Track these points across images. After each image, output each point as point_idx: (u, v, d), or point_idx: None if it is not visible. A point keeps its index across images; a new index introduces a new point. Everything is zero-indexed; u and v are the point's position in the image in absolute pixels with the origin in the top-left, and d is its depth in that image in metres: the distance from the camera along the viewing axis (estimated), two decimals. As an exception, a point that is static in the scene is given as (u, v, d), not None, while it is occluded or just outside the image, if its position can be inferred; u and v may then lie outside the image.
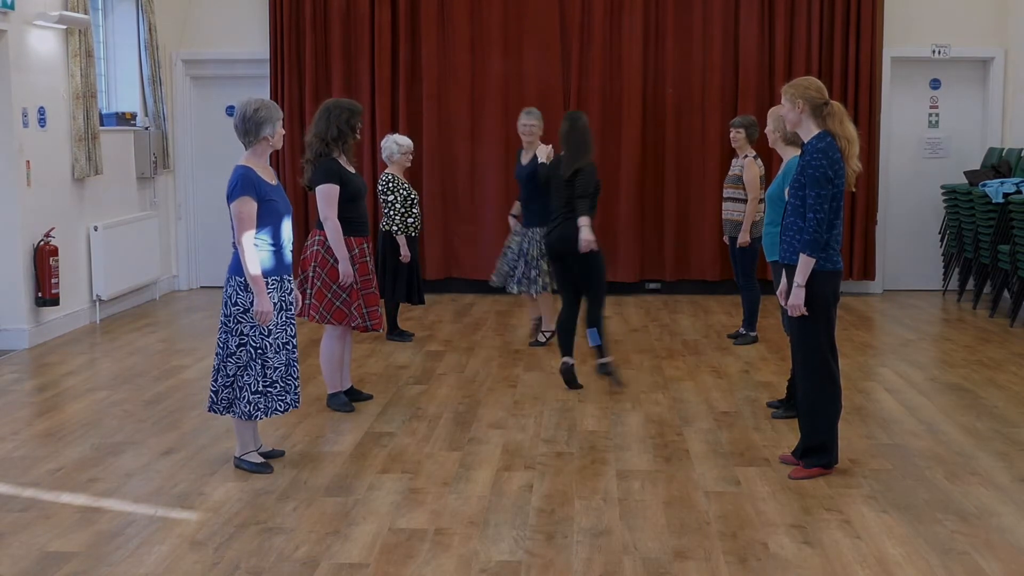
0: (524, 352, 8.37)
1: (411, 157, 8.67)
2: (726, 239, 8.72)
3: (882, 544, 4.56)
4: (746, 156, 8.39)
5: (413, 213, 8.48)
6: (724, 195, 8.64)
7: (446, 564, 4.37)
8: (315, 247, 6.49)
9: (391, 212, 8.45)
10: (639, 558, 4.41)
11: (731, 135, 8.57)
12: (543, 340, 8.50)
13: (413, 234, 8.51)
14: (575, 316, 7.19)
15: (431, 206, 10.96)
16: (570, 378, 7.13)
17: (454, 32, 11.03)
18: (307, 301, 6.49)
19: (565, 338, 7.19)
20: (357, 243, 6.52)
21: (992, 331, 9.21)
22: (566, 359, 7.16)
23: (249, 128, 5.32)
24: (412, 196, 8.51)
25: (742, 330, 8.74)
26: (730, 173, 8.61)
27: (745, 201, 8.34)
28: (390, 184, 8.46)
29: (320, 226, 6.49)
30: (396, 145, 8.55)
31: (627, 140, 11.00)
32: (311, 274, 6.48)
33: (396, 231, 8.42)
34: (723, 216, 8.67)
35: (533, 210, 8.17)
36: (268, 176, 5.41)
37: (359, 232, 6.55)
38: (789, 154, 6.46)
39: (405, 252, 8.41)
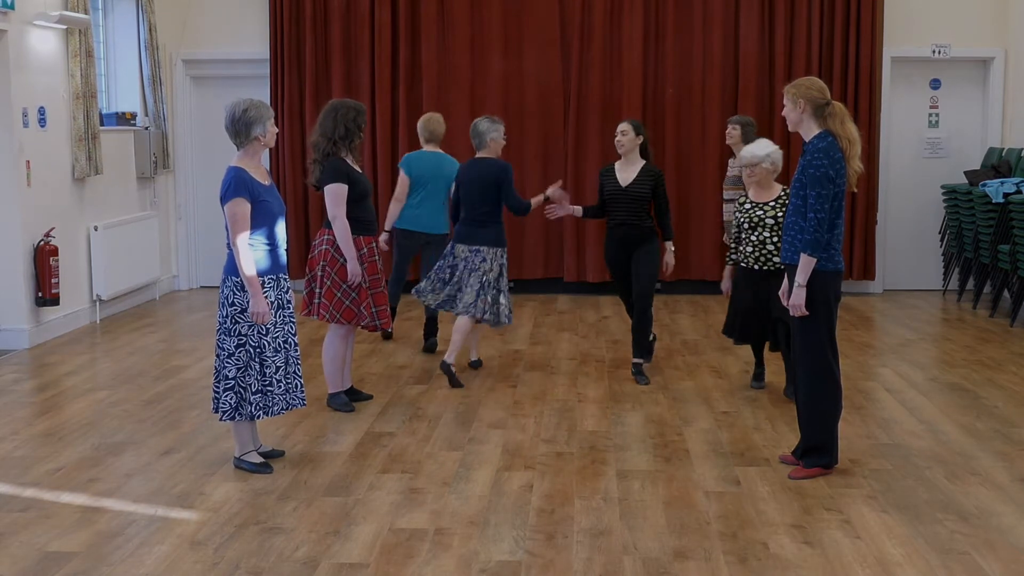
0: (524, 352, 8.37)
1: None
2: (727, 239, 8.73)
3: (882, 544, 4.56)
4: None
5: None
6: (725, 197, 8.61)
7: (446, 564, 4.37)
8: (323, 246, 6.46)
9: None
10: (639, 558, 4.42)
11: (727, 131, 8.58)
12: None
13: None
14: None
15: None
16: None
17: (454, 32, 11.02)
18: (316, 300, 6.47)
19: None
20: (365, 242, 6.51)
21: (992, 331, 9.21)
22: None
23: (239, 129, 5.32)
24: None
25: None
26: (729, 174, 8.59)
27: None
28: None
29: (328, 225, 6.46)
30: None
31: (627, 140, 10.99)
32: (320, 273, 6.46)
33: None
34: (724, 218, 8.64)
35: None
36: (261, 176, 5.41)
37: (367, 231, 6.54)
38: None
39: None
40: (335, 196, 6.37)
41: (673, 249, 7.49)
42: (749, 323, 6.90)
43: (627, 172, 7.26)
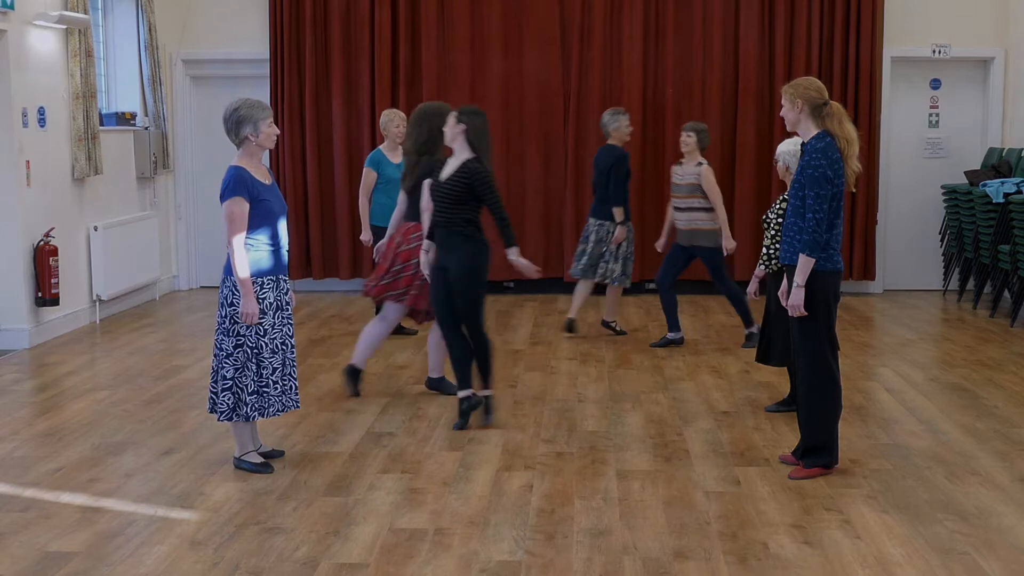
0: (524, 352, 8.37)
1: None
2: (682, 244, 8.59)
3: (882, 544, 4.56)
4: (699, 164, 8.32)
5: None
6: (679, 205, 8.44)
7: (446, 564, 4.37)
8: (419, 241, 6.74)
9: None
10: (639, 558, 4.42)
11: (682, 138, 8.42)
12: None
13: None
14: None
15: (431, 206, 10.95)
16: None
17: (454, 32, 11.02)
18: (412, 292, 6.77)
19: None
20: (415, 229, 6.82)
21: (992, 331, 9.21)
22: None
23: (230, 128, 5.33)
24: None
25: (754, 330, 8.51)
26: (680, 183, 8.39)
27: (708, 209, 8.30)
28: None
29: (414, 218, 6.78)
30: None
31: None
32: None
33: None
34: (681, 227, 8.46)
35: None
36: (262, 176, 5.41)
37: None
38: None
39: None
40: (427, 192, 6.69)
41: (514, 256, 6.35)
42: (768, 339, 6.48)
43: (451, 166, 6.31)
